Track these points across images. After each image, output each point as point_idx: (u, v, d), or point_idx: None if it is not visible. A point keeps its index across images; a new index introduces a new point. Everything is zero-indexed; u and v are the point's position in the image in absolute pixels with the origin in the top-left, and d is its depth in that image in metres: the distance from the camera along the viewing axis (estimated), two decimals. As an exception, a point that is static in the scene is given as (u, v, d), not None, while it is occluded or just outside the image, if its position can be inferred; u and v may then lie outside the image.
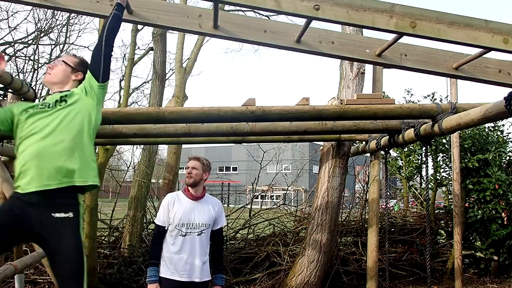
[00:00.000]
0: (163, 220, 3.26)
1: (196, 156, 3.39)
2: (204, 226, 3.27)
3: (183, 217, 3.21)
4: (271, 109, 3.40)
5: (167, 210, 3.26)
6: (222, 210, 3.48)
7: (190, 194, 3.30)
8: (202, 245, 3.26)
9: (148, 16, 2.52)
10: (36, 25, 11.78)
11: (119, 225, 7.53)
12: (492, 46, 2.12)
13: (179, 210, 3.23)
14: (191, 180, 3.27)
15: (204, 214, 3.29)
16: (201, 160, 3.34)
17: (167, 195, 3.39)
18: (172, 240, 3.22)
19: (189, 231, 3.22)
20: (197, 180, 3.28)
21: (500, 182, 7.36)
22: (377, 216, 4.87)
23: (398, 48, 2.69)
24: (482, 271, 7.71)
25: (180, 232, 3.21)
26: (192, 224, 3.24)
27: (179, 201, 3.29)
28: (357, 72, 5.55)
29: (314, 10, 2.11)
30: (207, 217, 3.29)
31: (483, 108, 2.68)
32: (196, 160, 3.34)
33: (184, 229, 3.22)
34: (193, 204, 3.28)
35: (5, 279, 3.76)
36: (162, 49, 7.17)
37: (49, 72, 2.49)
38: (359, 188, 8.93)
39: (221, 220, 3.44)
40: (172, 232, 3.23)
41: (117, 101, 13.40)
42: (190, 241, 3.22)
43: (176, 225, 3.20)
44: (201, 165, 3.31)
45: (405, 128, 3.93)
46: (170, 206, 3.26)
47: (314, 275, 5.36)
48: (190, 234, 3.22)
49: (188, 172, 3.27)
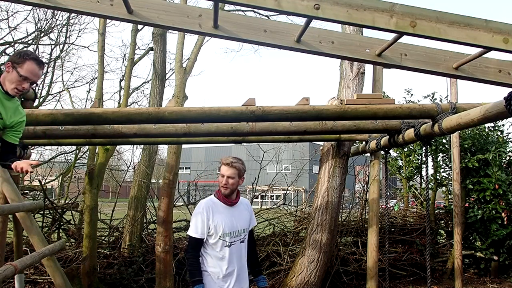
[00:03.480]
0: (202, 232, 2.95)
1: (232, 162, 3.04)
2: (245, 231, 3.08)
3: (226, 226, 2.96)
4: (271, 109, 3.40)
5: (206, 220, 2.96)
6: (252, 208, 3.32)
7: (226, 199, 3.05)
8: (245, 252, 3.08)
9: (148, 16, 2.52)
10: (36, 25, 11.77)
11: (119, 225, 7.53)
12: (492, 46, 2.11)
13: (220, 219, 2.97)
14: (227, 191, 3.02)
15: (242, 218, 3.09)
16: (237, 167, 3.03)
17: (201, 203, 3.10)
18: (217, 251, 2.96)
19: (233, 240, 2.99)
20: (234, 189, 3.05)
21: (500, 182, 7.36)
22: (377, 216, 4.87)
23: (398, 48, 2.68)
24: (482, 271, 7.71)
25: (224, 243, 2.96)
26: (235, 232, 3.01)
27: (217, 209, 3.02)
28: (357, 72, 5.55)
29: (314, 9, 2.11)
30: (245, 220, 3.11)
31: (483, 108, 2.67)
32: (232, 168, 3.01)
33: (228, 239, 2.97)
34: (231, 210, 3.05)
35: (5, 279, 3.75)
36: (162, 49, 7.16)
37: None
38: (359, 188, 8.92)
39: (253, 220, 3.27)
40: (215, 244, 2.96)
41: (117, 101, 13.39)
42: (236, 251, 3.00)
43: (221, 235, 2.95)
44: (237, 172, 3.02)
45: (405, 128, 3.93)
46: (209, 215, 2.97)
47: (314, 275, 5.36)
48: (234, 243, 3.00)
49: (224, 183, 3.00)
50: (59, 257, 6.19)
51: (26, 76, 2.54)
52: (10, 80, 2.56)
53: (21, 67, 2.54)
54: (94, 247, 6.00)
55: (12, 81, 2.56)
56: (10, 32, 11.57)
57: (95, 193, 5.87)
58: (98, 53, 6.41)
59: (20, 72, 2.54)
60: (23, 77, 2.54)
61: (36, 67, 2.58)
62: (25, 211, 4.26)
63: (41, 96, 11.44)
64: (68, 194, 9.28)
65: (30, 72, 2.55)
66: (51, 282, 5.88)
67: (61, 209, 7.53)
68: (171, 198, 5.73)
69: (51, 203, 7.53)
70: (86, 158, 9.50)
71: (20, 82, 2.55)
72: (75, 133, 3.91)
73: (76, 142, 5.22)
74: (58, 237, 7.38)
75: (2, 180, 4.19)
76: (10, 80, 2.56)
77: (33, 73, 2.57)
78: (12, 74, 2.56)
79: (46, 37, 12.08)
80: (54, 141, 4.62)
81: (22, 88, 2.58)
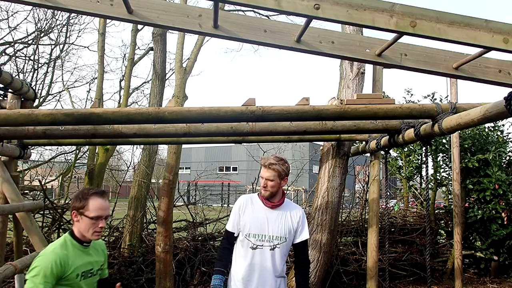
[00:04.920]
0: (233, 226, 2.90)
1: (271, 164, 2.88)
2: (278, 239, 2.85)
3: (253, 226, 2.83)
4: (271, 109, 3.40)
5: (238, 215, 2.89)
6: (305, 219, 3.02)
7: (266, 200, 2.91)
8: (274, 262, 2.85)
9: (148, 16, 2.52)
10: (36, 25, 11.78)
11: (119, 225, 7.53)
12: (492, 46, 2.11)
13: (250, 217, 2.86)
14: (267, 193, 2.89)
15: (280, 224, 2.87)
16: (276, 169, 2.87)
17: (241, 197, 3.00)
18: (243, 251, 2.86)
19: (260, 244, 2.83)
20: (274, 192, 2.89)
21: (500, 182, 7.36)
22: (377, 216, 4.87)
23: (398, 48, 2.68)
24: (482, 271, 7.71)
25: (249, 244, 2.84)
26: (264, 236, 2.83)
27: (252, 206, 2.91)
28: (357, 72, 5.55)
29: (314, 9, 2.11)
30: (284, 228, 2.87)
31: (483, 108, 2.67)
32: (271, 169, 2.87)
33: (254, 241, 2.83)
34: (268, 212, 2.88)
35: (5, 279, 3.76)
36: (162, 49, 7.16)
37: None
38: (359, 188, 8.93)
39: (303, 232, 2.96)
40: (242, 242, 2.87)
41: (117, 101, 13.39)
42: (260, 256, 2.83)
43: (246, 234, 2.84)
44: (277, 174, 2.86)
45: (405, 128, 3.92)
46: (242, 211, 2.89)
47: (314, 275, 5.36)
48: (261, 248, 2.83)
49: (263, 186, 2.88)
50: (59, 257, 6.18)
51: (98, 215, 2.33)
52: (85, 228, 2.35)
53: (87, 209, 2.33)
54: (94, 247, 5.99)
55: (88, 228, 2.34)
56: (10, 32, 11.60)
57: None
58: (98, 53, 6.42)
59: (89, 215, 2.33)
60: (95, 217, 2.33)
61: (101, 200, 2.36)
62: (25, 211, 4.27)
63: (41, 96, 11.44)
64: (68, 194, 9.27)
65: (99, 209, 2.34)
66: (51, 282, 5.88)
67: (61, 209, 7.53)
68: (171, 198, 5.74)
69: (51, 203, 7.53)
70: (86, 158, 9.50)
71: (95, 224, 2.34)
72: (75, 133, 3.91)
73: (76, 142, 5.21)
74: (58, 237, 7.38)
75: (2, 180, 4.19)
76: (85, 228, 2.35)
77: (102, 208, 2.35)
78: (83, 222, 2.35)
79: (46, 37, 12.10)
80: (54, 141, 4.62)
81: (100, 228, 2.36)
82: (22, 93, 4.20)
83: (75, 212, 2.38)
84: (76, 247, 2.39)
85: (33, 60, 11.32)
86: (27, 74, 11.27)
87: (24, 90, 4.16)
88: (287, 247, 2.92)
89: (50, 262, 2.24)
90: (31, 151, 4.81)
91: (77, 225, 2.39)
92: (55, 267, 2.23)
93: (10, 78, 3.91)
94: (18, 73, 11.00)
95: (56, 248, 2.33)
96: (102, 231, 2.40)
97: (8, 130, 3.82)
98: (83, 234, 2.38)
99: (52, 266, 2.22)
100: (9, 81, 3.91)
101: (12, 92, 4.15)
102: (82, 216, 2.35)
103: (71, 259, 2.32)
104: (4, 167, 4.25)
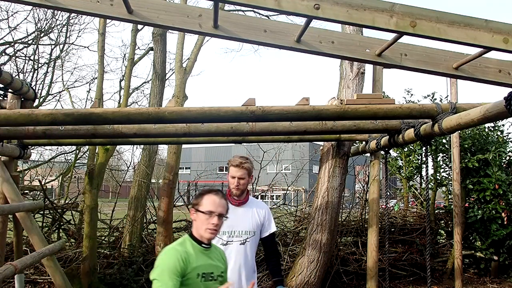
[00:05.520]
0: None
1: (241, 163, 3.03)
2: (247, 234, 3.00)
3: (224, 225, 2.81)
4: (271, 109, 3.40)
5: None
6: (270, 214, 3.18)
7: (232, 198, 3.05)
8: (246, 256, 2.99)
9: (148, 16, 2.52)
10: (36, 25, 11.77)
11: (119, 225, 7.54)
12: (492, 46, 2.11)
13: None
14: (238, 191, 3.03)
15: (248, 220, 3.02)
16: (247, 167, 3.04)
17: None
18: None
19: (231, 239, 2.95)
20: (244, 189, 3.04)
21: (500, 182, 7.36)
22: (377, 216, 4.87)
23: (398, 48, 2.68)
24: (482, 271, 7.71)
25: (220, 241, 2.92)
26: (233, 232, 2.97)
27: None
28: (357, 72, 5.55)
29: (314, 9, 2.11)
30: (252, 223, 3.03)
31: (483, 108, 2.67)
32: (243, 168, 3.02)
33: (225, 238, 2.94)
34: (235, 210, 2.98)
35: (5, 279, 3.76)
36: (162, 49, 7.16)
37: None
38: (359, 188, 8.93)
39: (270, 225, 3.13)
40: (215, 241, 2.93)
41: (117, 101, 13.39)
42: (232, 251, 2.94)
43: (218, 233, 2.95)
44: (247, 172, 3.04)
45: (405, 128, 3.92)
46: None
47: (314, 275, 5.36)
48: (231, 243, 2.95)
49: (236, 185, 3.01)
50: (59, 257, 6.19)
51: (210, 210, 2.35)
52: (200, 226, 2.37)
53: (202, 204, 2.37)
54: (94, 247, 6.00)
55: (202, 225, 2.36)
56: (10, 32, 11.59)
57: (95, 193, 5.87)
58: (98, 53, 6.41)
59: (203, 209, 2.36)
60: (208, 212, 2.34)
61: (215, 196, 2.39)
62: (25, 211, 4.27)
63: (41, 96, 11.44)
64: (68, 194, 9.28)
65: (212, 205, 2.36)
66: (51, 282, 5.88)
67: (61, 209, 7.53)
68: (171, 198, 5.74)
69: (51, 203, 7.54)
70: (86, 158, 9.50)
71: (207, 220, 2.34)
72: (75, 133, 3.91)
73: (76, 142, 5.21)
74: (58, 237, 7.38)
75: (2, 180, 4.20)
76: (200, 226, 2.37)
77: (215, 204, 2.37)
78: (198, 218, 2.38)
79: (46, 37, 12.09)
80: (54, 141, 4.62)
81: (213, 225, 2.35)
82: (22, 93, 4.20)
83: (192, 210, 2.42)
84: (195, 248, 2.38)
85: (33, 60, 11.33)
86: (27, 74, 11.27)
87: (24, 90, 4.16)
88: (255, 241, 3.08)
89: (173, 258, 2.24)
90: (31, 151, 4.81)
91: (194, 224, 2.42)
92: (179, 264, 2.23)
93: (10, 78, 3.91)
94: (18, 73, 11.00)
95: (175, 246, 2.35)
96: (216, 230, 2.38)
97: (8, 130, 3.82)
98: (200, 233, 2.38)
99: (175, 262, 2.23)
100: (9, 81, 3.91)
101: (12, 92, 4.15)
102: (197, 213, 2.38)
103: (192, 257, 2.32)
104: (4, 167, 4.25)
